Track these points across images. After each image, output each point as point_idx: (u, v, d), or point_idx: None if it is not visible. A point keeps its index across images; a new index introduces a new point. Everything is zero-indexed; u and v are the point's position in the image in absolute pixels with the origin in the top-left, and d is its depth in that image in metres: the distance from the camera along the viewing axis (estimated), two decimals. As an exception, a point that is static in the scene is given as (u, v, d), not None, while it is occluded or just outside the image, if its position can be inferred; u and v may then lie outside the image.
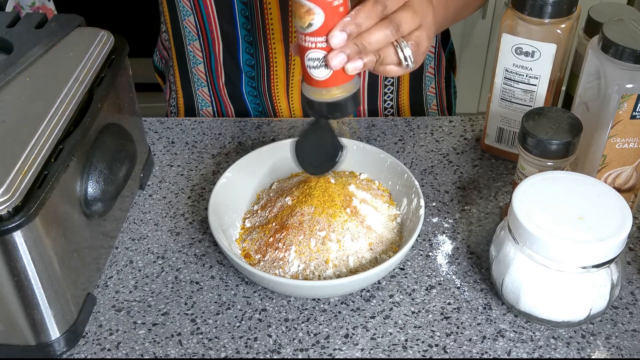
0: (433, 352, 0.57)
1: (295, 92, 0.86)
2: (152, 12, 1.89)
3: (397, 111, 0.91)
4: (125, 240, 0.68)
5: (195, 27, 0.83)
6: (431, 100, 0.94)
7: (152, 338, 0.59)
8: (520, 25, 0.67)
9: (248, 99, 0.87)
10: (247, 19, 0.80)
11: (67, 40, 0.64)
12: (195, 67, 0.88)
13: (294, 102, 0.87)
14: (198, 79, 0.88)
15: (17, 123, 0.54)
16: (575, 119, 0.62)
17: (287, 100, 0.87)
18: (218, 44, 0.83)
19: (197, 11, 0.81)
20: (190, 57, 0.87)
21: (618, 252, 0.54)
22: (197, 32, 0.84)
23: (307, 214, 0.62)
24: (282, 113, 0.88)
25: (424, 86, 0.92)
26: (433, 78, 0.93)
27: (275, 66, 0.83)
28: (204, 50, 0.85)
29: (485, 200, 0.72)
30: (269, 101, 0.87)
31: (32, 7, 1.50)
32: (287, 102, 0.87)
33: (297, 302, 0.61)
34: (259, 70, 0.84)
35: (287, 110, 0.88)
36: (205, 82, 0.88)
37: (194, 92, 0.90)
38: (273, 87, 0.85)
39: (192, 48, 0.86)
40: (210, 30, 0.82)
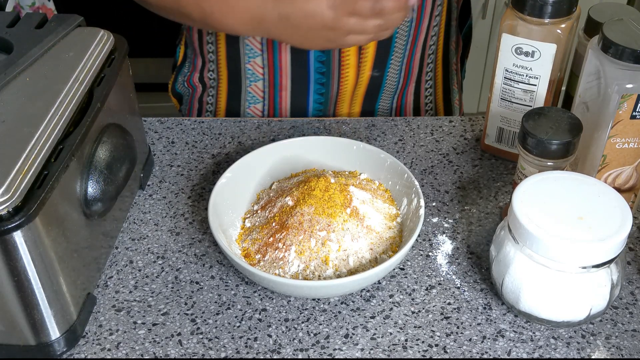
0: (433, 352, 0.57)
1: (361, 88, 0.87)
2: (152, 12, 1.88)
3: (435, 105, 0.92)
4: (125, 240, 0.68)
5: (260, 42, 0.83)
6: (455, 94, 0.95)
7: (152, 338, 0.59)
8: (520, 25, 0.67)
9: (313, 106, 0.88)
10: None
11: (67, 40, 0.64)
12: (252, 85, 0.87)
13: (356, 98, 0.88)
14: (252, 97, 0.88)
15: (17, 123, 0.54)
16: (575, 119, 0.62)
17: (351, 98, 0.88)
18: (285, 56, 0.83)
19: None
20: (247, 76, 0.87)
21: (618, 252, 0.54)
22: (262, 47, 0.84)
23: (307, 214, 0.62)
24: (341, 113, 0.89)
25: (450, 81, 0.93)
26: (455, 73, 0.94)
27: (346, 67, 0.84)
28: (267, 66, 0.85)
29: (485, 200, 0.72)
30: (333, 104, 0.88)
31: (32, 7, 1.50)
32: (350, 101, 0.88)
33: (297, 302, 0.61)
34: (329, 75, 0.85)
35: (348, 108, 0.89)
36: (260, 99, 0.88)
37: (242, 111, 0.90)
38: (342, 88, 0.86)
39: (252, 66, 0.86)
40: (279, 44, 0.82)
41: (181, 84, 0.96)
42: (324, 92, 0.86)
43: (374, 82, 0.87)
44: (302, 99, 0.87)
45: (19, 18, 0.66)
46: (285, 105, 0.88)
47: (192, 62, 0.93)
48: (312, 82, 0.85)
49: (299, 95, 0.87)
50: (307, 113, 0.89)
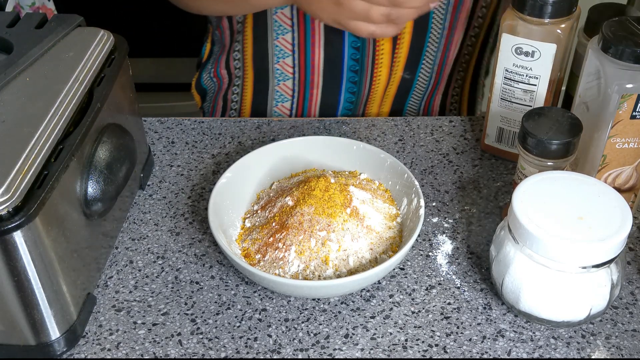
0: (433, 352, 0.57)
1: (392, 89, 0.87)
2: (152, 12, 1.88)
3: (459, 107, 0.93)
4: (125, 240, 0.68)
5: (290, 43, 0.83)
6: (478, 105, 0.96)
7: (152, 338, 0.59)
8: (520, 25, 0.67)
9: (343, 105, 0.88)
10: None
11: (67, 40, 0.64)
12: (280, 84, 0.87)
13: (386, 99, 0.88)
14: (280, 95, 0.88)
15: (17, 123, 0.54)
16: (575, 119, 0.62)
17: (381, 98, 0.88)
18: (319, 55, 0.83)
19: (300, 27, 0.82)
20: (275, 75, 0.87)
21: (618, 252, 0.54)
22: (293, 48, 0.84)
23: (307, 214, 0.62)
24: (371, 113, 0.90)
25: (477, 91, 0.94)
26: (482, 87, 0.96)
27: (379, 67, 0.84)
28: (298, 65, 0.85)
29: (485, 200, 0.72)
30: (363, 104, 0.88)
31: (32, 7, 1.50)
32: (380, 101, 0.88)
33: (297, 302, 0.61)
34: (362, 74, 0.85)
35: (377, 108, 0.89)
36: (289, 97, 0.88)
37: (269, 109, 0.90)
38: (373, 87, 0.86)
39: (281, 66, 0.86)
40: (312, 42, 0.82)
41: (207, 77, 0.95)
42: (356, 91, 0.86)
43: (404, 83, 0.87)
44: (334, 97, 0.87)
45: (19, 18, 0.66)
46: (315, 104, 0.88)
47: (217, 59, 0.92)
48: (344, 81, 0.85)
49: (330, 94, 0.87)
50: (337, 112, 0.89)
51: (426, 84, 0.88)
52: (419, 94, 0.89)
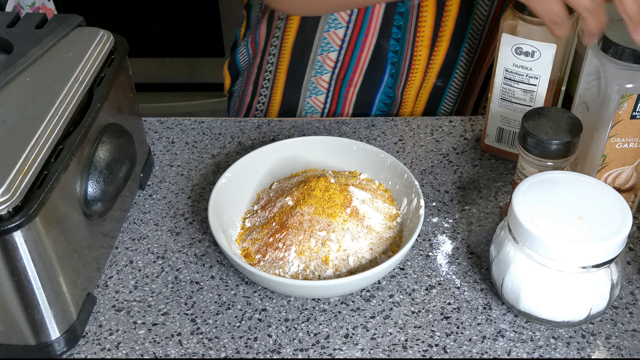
0: (433, 352, 0.57)
1: (424, 94, 0.87)
2: (152, 12, 1.89)
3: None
4: (125, 240, 0.68)
5: (341, 39, 0.83)
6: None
7: (152, 338, 0.59)
8: (520, 25, 0.67)
9: (378, 105, 0.88)
10: (399, 28, 0.81)
11: (67, 40, 0.64)
12: (317, 77, 0.87)
13: (418, 104, 0.88)
14: (315, 88, 0.88)
15: (17, 123, 0.54)
16: (575, 119, 0.62)
17: (413, 103, 0.88)
18: (365, 56, 0.84)
19: (356, 25, 0.81)
20: (315, 67, 0.86)
21: (618, 252, 0.54)
22: (342, 44, 0.83)
23: (307, 214, 0.62)
24: (404, 113, 0.89)
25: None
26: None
27: (414, 72, 0.85)
28: (342, 61, 0.85)
29: (485, 200, 0.72)
30: (397, 106, 0.88)
31: (32, 7, 1.50)
32: (412, 105, 0.88)
33: (297, 302, 0.61)
34: (397, 78, 0.85)
35: (410, 112, 0.89)
36: (324, 90, 0.88)
37: (302, 99, 0.89)
38: (406, 92, 0.87)
39: (324, 59, 0.85)
40: (363, 41, 0.82)
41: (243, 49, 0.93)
42: (391, 95, 0.87)
43: (436, 90, 0.87)
44: (369, 97, 0.87)
45: (19, 18, 0.66)
46: (350, 102, 0.88)
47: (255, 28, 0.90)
48: (383, 85, 0.86)
49: (368, 94, 0.87)
50: (371, 111, 0.89)
51: (458, 90, 0.88)
52: (451, 99, 0.89)
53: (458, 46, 0.83)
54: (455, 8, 0.80)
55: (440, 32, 0.81)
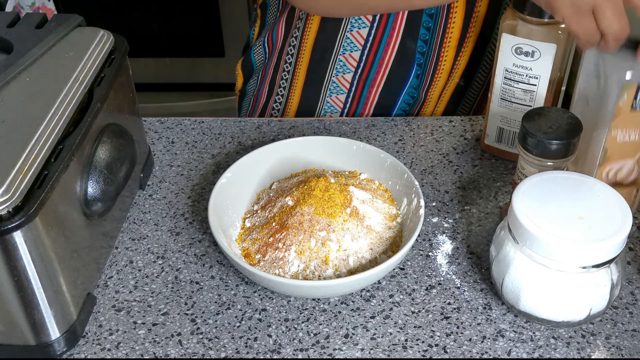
0: (433, 352, 0.57)
1: (446, 94, 0.87)
2: (152, 12, 1.89)
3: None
4: (125, 240, 0.68)
5: (364, 39, 0.82)
6: None
7: (152, 338, 0.59)
8: (520, 25, 0.67)
9: (400, 105, 0.88)
10: (427, 30, 0.80)
11: (67, 40, 0.64)
12: (338, 76, 0.86)
13: (440, 104, 0.88)
14: (336, 87, 0.87)
15: (17, 123, 0.54)
16: (575, 119, 0.62)
17: (435, 102, 0.88)
18: (389, 56, 0.83)
19: (381, 24, 0.81)
20: (336, 67, 0.86)
21: (618, 252, 0.54)
22: (366, 44, 0.83)
23: (307, 214, 0.62)
24: (425, 112, 0.89)
25: None
26: None
27: (440, 73, 0.84)
28: (365, 61, 0.84)
29: (485, 200, 0.72)
30: (419, 105, 0.88)
31: (32, 7, 1.50)
32: (434, 105, 0.88)
33: (297, 302, 0.61)
34: (423, 79, 0.85)
35: (431, 112, 0.89)
36: (345, 90, 0.87)
37: (322, 99, 0.89)
38: (430, 92, 0.86)
39: (346, 58, 0.85)
40: (388, 42, 0.82)
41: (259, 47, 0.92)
42: (415, 95, 0.86)
43: (458, 90, 0.87)
44: (392, 97, 0.87)
45: (19, 18, 0.66)
46: (372, 103, 0.88)
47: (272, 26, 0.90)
48: (407, 85, 0.86)
49: (391, 94, 0.87)
50: (392, 111, 0.89)
51: (479, 90, 0.89)
52: (471, 98, 0.89)
53: (483, 47, 0.83)
54: (483, 9, 0.79)
55: (468, 33, 0.81)
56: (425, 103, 0.88)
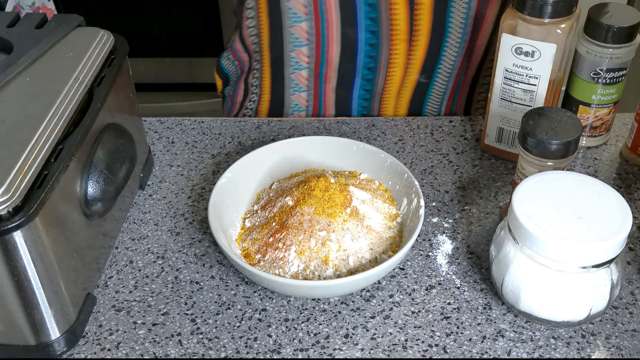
0: (433, 352, 0.57)
1: (406, 90, 0.86)
2: (152, 12, 1.89)
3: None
4: (125, 240, 0.68)
5: (307, 32, 0.82)
6: None
7: (152, 338, 0.59)
8: (520, 25, 0.67)
9: (357, 102, 0.87)
10: (372, 20, 0.80)
11: (67, 40, 0.64)
12: (295, 73, 0.87)
13: (401, 100, 0.87)
14: (296, 84, 0.87)
15: (17, 123, 0.54)
16: (575, 119, 0.62)
17: (396, 99, 0.87)
18: (334, 48, 0.83)
19: (315, 17, 0.81)
20: (291, 64, 0.86)
21: (618, 252, 0.54)
22: (309, 38, 0.83)
23: (307, 214, 0.62)
24: (386, 112, 0.89)
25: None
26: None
27: (394, 67, 0.84)
28: (313, 56, 0.84)
29: (485, 200, 0.72)
30: (377, 102, 0.87)
31: (32, 7, 1.50)
32: (395, 102, 0.87)
33: (297, 302, 0.61)
34: (376, 72, 0.84)
35: (393, 109, 0.88)
36: (305, 87, 0.87)
37: (287, 97, 0.89)
38: (387, 87, 0.86)
39: (297, 54, 0.85)
40: (328, 35, 0.82)
41: (227, 60, 0.94)
42: (370, 88, 0.86)
43: (420, 87, 0.87)
44: (347, 93, 0.87)
45: (19, 18, 0.66)
46: (330, 99, 0.88)
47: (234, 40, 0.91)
48: (358, 77, 0.85)
49: (344, 89, 0.86)
50: (351, 108, 0.88)
51: (444, 88, 0.87)
52: (437, 97, 0.88)
53: (439, 41, 0.82)
54: (428, 1, 0.78)
55: (415, 25, 0.80)
56: (384, 99, 0.87)
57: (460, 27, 0.81)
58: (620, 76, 0.72)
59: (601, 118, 0.75)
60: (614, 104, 0.75)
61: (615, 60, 0.71)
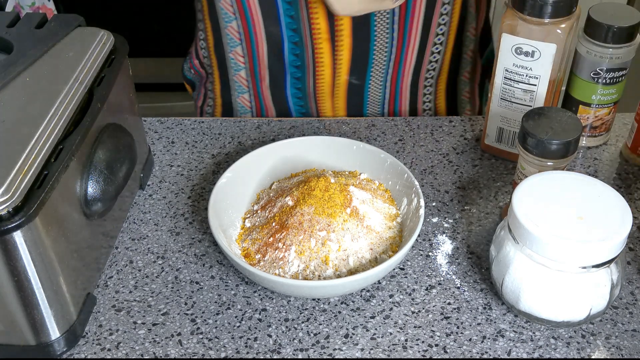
0: (433, 352, 0.57)
1: (340, 91, 0.86)
2: (152, 12, 1.89)
3: (435, 112, 0.92)
4: (125, 240, 0.68)
5: (237, 32, 0.83)
6: (465, 104, 0.94)
7: (152, 338, 0.59)
8: (520, 25, 0.67)
9: (292, 101, 0.87)
10: (292, 18, 0.80)
11: (67, 40, 0.64)
12: (237, 75, 0.87)
13: (338, 101, 0.87)
14: (239, 86, 0.88)
15: (17, 123, 0.54)
16: (575, 119, 0.62)
17: (331, 100, 0.87)
18: (262, 46, 0.83)
19: (240, 15, 0.81)
20: (231, 65, 0.87)
21: (618, 252, 0.54)
22: (240, 37, 0.83)
23: (307, 214, 0.62)
24: (325, 113, 0.88)
25: (458, 90, 0.93)
26: (468, 83, 0.93)
27: (321, 66, 0.84)
28: (247, 55, 0.85)
29: (485, 200, 0.72)
30: (313, 102, 0.87)
31: (32, 7, 1.50)
32: (331, 102, 0.87)
33: (297, 302, 0.61)
34: (304, 70, 0.84)
35: (331, 110, 0.88)
36: (246, 88, 0.88)
37: (233, 100, 0.90)
38: (318, 87, 0.86)
39: (234, 55, 0.86)
40: (254, 32, 0.82)
41: (187, 68, 0.96)
42: (301, 87, 0.86)
43: (354, 88, 0.86)
44: (281, 92, 0.87)
45: (19, 18, 0.66)
46: (267, 97, 0.88)
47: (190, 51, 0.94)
48: (288, 75, 0.85)
49: (277, 88, 0.87)
50: (289, 108, 0.88)
51: (381, 91, 0.87)
52: (376, 100, 0.88)
53: (365, 43, 0.82)
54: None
55: (337, 25, 0.80)
56: (319, 99, 0.86)
57: (386, 32, 0.81)
58: (620, 76, 0.72)
59: (601, 118, 0.75)
60: (614, 104, 0.75)
61: (615, 60, 0.71)
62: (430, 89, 0.90)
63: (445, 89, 0.91)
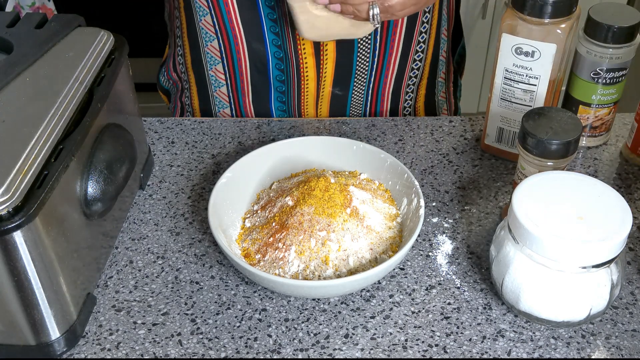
0: (433, 352, 0.57)
1: (324, 104, 0.87)
2: (152, 12, 1.89)
3: (414, 113, 0.92)
4: (125, 240, 0.68)
5: (218, 50, 0.84)
6: (442, 104, 0.95)
7: (152, 338, 0.59)
8: (520, 25, 0.67)
9: (276, 114, 0.88)
10: (277, 35, 0.80)
11: (67, 40, 0.64)
12: (217, 90, 0.88)
13: (321, 109, 0.88)
14: (220, 102, 0.89)
15: (17, 123, 0.54)
16: (575, 119, 0.62)
17: (315, 109, 0.87)
18: (245, 63, 0.84)
19: (222, 34, 0.82)
20: (211, 82, 0.87)
21: (618, 252, 0.54)
22: (221, 55, 0.84)
23: (307, 214, 0.62)
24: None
25: (436, 91, 0.93)
26: (444, 83, 0.94)
27: (306, 80, 0.84)
28: (228, 72, 0.85)
29: (485, 200, 0.72)
30: (297, 112, 0.88)
31: (32, 7, 1.50)
32: (315, 111, 0.88)
33: (297, 302, 0.61)
34: (289, 85, 0.85)
35: (314, 117, 0.88)
36: (227, 103, 0.88)
37: (215, 114, 0.90)
38: (303, 101, 0.86)
39: (214, 72, 0.86)
40: (237, 50, 0.83)
41: (164, 79, 0.97)
42: (285, 100, 0.86)
43: (337, 99, 0.87)
44: (265, 105, 0.87)
45: (19, 18, 0.66)
46: (250, 111, 0.88)
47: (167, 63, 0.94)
48: (272, 90, 0.86)
49: (261, 102, 0.87)
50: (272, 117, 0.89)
51: (363, 100, 0.88)
52: (357, 105, 0.88)
53: (349, 55, 0.82)
54: None
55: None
56: (303, 110, 0.87)
57: (368, 43, 0.81)
58: (620, 76, 0.72)
59: (601, 118, 0.75)
60: (614, 104, 0.75)
61: (615, 60, 0.71)
62: (412, 94, 0.90)
63: (425, 92, 0.91)
